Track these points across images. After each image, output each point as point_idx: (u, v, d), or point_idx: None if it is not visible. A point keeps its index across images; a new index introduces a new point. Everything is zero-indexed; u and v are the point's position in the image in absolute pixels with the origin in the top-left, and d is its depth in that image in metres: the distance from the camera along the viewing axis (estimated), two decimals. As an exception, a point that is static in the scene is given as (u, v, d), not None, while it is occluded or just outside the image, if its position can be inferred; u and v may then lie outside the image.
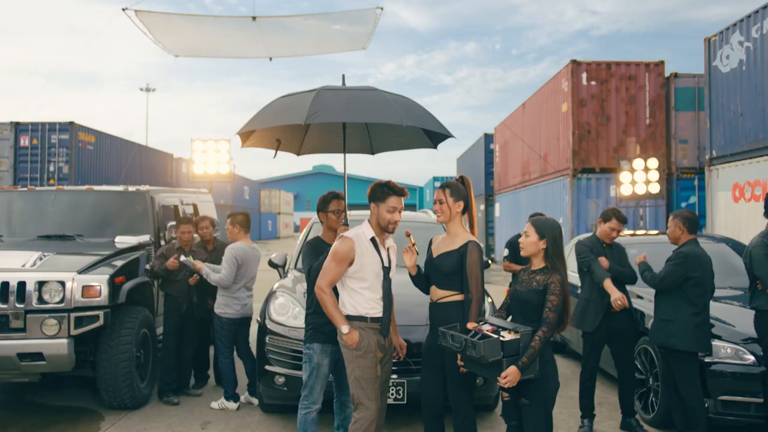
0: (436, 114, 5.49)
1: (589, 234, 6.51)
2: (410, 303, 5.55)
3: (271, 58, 17.97)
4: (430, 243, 4.74)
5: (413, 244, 4.63)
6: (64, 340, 6.09)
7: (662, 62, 17.95)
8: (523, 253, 4.31)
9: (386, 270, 4.44)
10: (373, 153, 6.60)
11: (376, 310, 4.40)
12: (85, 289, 6.20)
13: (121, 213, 7.99)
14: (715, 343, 5.67)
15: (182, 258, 6.87)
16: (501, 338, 3.92)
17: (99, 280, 6.29)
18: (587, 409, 6.00)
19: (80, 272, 6.30)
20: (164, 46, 16.78)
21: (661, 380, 5.93)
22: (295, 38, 17.83)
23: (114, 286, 6.42)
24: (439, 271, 4.52)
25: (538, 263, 4.26)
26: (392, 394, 5.50)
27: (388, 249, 4.53)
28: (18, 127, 21.33)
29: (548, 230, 4.20)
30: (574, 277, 8.39)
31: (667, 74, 17.85)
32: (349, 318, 4.37)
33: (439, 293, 4.53)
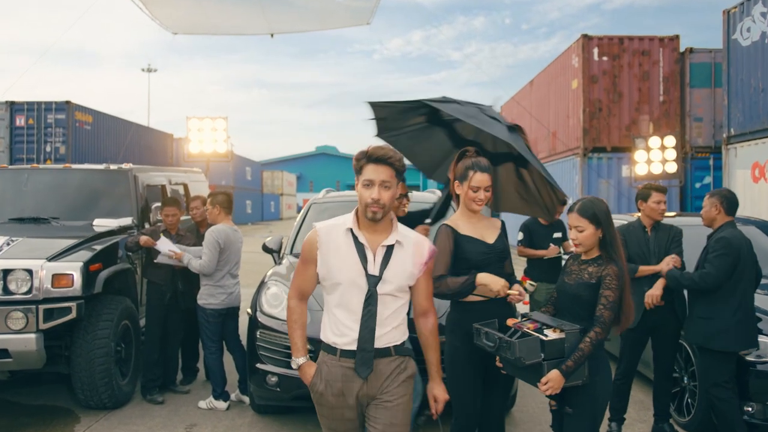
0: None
1: (632, 219, 5.76)
2: None
3: (272, 35, 17.33)
4: (452, 230, 3.77)
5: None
6: (32, 335, 5.48)
7: (677, 37, 17.23)
8: (579, 250, 3.67)
9: (372, 280, 2.97)
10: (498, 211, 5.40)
11: (347, 339, 2.99)
12: (56, 278, 5.58)
13: (101, 194, 7.33)
14: (764, 340, 5.03)
15: (160, 250, 6.24)
16: (542, 337, 3.33)
17: (71, 268, 5.67)
18: (617, 411, 5.33)
19: (50, 259, 5.67)
20: (161, 22, 16.10)
21: (699, 380, 5.29)
22: (297, 13, 17.17)
23: (89, 274, 5.79)
24: (501, 258, 3.84)
25: (591, 252, 3.64)
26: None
27: (387, 249, 3.02)
28: (13, 107, 20.85)
29: (600, 213, 3.57)
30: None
31: (681, 49, 17.14)
32: (323, 346, 3.09)
33: None
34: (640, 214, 5.51)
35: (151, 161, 26.51)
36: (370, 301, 2.95)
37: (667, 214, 6.95)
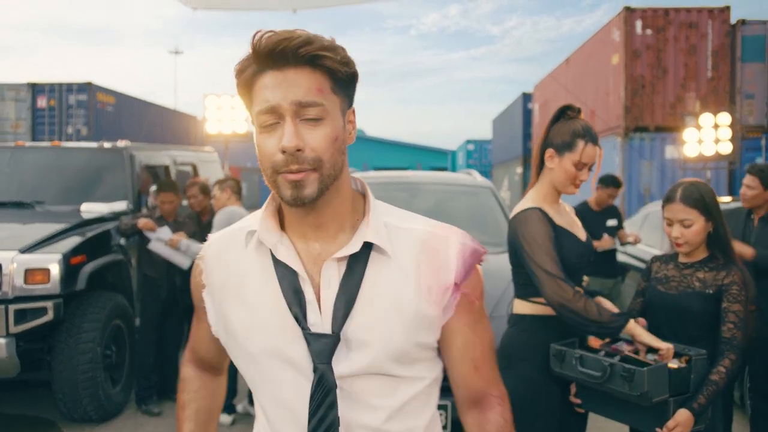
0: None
1: (732, 203, 4.76)
2: None
3: (294, 10, 16.54)
4: (546, 215, 2.69)
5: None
6: (1, 340, 4.69)
7: (728, 8, 16.08)
8: (685, 249, 2.72)
9: (318, 344, 1.26)
10: None
11: None
12: (29, 273, 4.79)
13: (93, 175, 6.50)
14: None
15: (153, 239, 5.45)
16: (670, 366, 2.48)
17: (48, 261, 4.87)
18: None
19: (24, 251, 4.87)
20: (180, -4, 15.37)
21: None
22: (320, -14, 16.40)
23: (69, 268, 4.99)
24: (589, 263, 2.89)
25: (696, 253, 2.73)
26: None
27: (348, 265, 1.30)
28: (35, 89, 20.62)
29: (710, 201, 2.68)
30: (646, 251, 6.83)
31: (732, 21, 15.97)
32: None
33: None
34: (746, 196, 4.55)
35: (175, 144, 25.99)
36: (322, 396, 1.26)
37: (721, 199, 5.93)
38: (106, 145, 6.72)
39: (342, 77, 1.27)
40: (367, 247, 1.30)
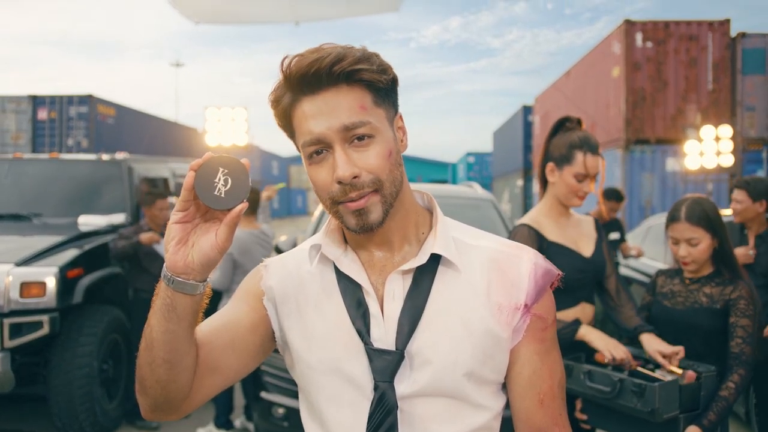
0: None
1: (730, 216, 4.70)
2: None
3: (297, 22, 16.60)
4: (536, 233, 2.67)
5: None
6: (-4, 355, 4.63)
7: (728, 20, 16.09)
8: (693, 268, 2.69)
9: (381, 360, 1.19)
10: None
11: None
12: (25, 287, 4.74)
13: (92, 187, 6.47)
14: None
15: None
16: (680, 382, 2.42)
17: (44, 274, 4.82)
18: None
19: (19, 264, 4.82)
20: (183, 11, 15.44)
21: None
22: (322, -1, 16.55)
23: (66, 282, 4.93)
24: (597, 277, 2.83)
25: (703, 268, 2.70)
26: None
27: (415, 277, 1.25)
28: (35, 101, 20.69)
29: (715, 217, 2.65)
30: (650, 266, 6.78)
31: (733, 34, 16.00)
32: None
33: (588, 311, 2.80)
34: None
35: (176, 156, 25.99)
36: (382, 416, 1.19)
37: (723, 212, 5.89)
38: (105, 157, 6.67)
39: (383, 87, 1.20)
40: (435, 260, 1.24)
